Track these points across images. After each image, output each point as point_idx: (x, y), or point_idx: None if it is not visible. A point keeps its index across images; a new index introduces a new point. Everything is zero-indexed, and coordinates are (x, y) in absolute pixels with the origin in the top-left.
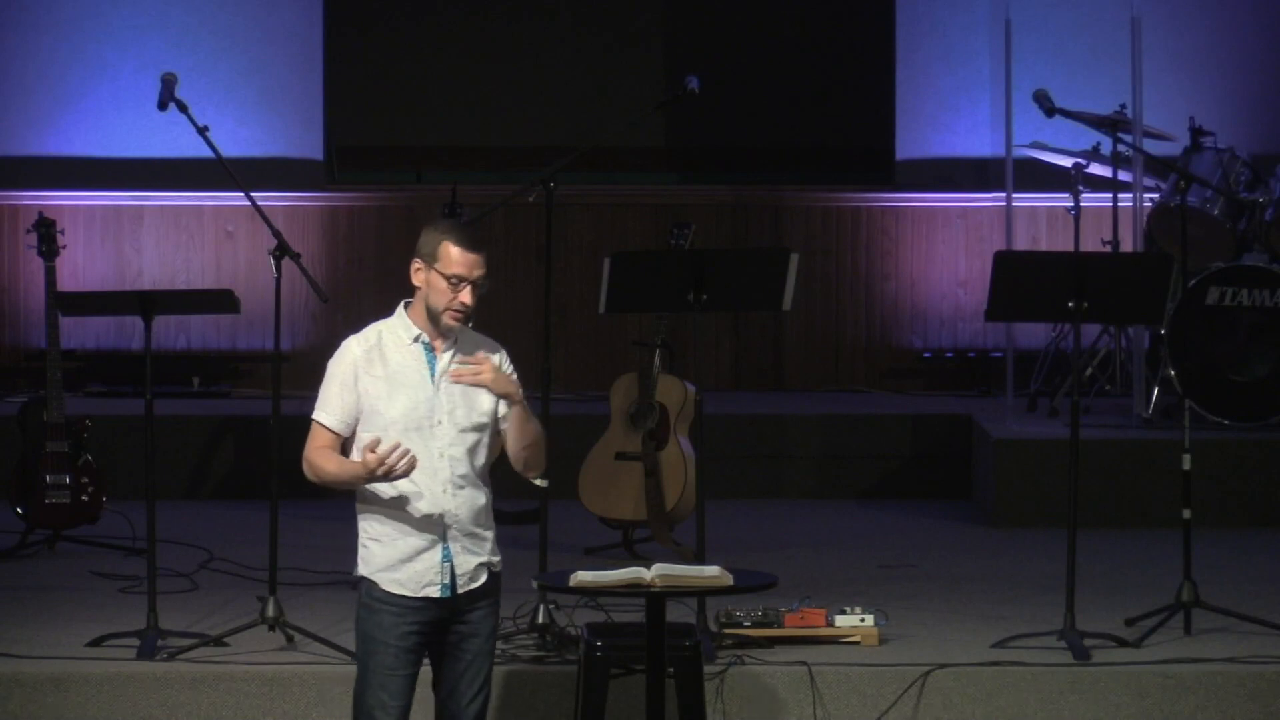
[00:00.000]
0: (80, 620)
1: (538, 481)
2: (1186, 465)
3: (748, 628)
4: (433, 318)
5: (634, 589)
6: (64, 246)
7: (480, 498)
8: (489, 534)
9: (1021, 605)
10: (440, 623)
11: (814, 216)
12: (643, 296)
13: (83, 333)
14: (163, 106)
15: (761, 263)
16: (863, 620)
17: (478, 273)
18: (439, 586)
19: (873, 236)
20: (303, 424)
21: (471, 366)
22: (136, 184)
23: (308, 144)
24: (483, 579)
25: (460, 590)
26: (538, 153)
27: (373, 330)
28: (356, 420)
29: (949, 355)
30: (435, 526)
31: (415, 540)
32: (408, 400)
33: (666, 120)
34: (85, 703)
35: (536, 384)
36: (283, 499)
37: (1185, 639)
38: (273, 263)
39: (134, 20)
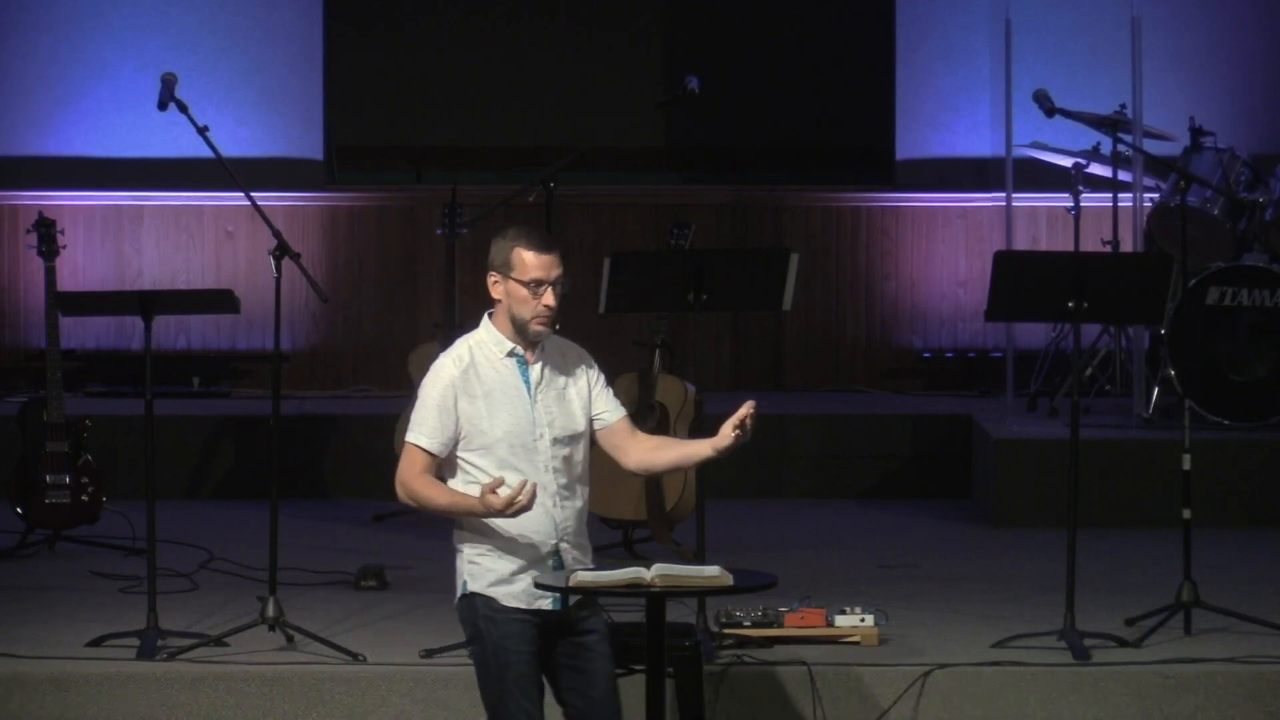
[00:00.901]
0: (80, 620)
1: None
2: (1186, 465)
3: (748, 628)
4: (520, 328)
5: (634, 589)
6: (64, 246)
7: (582, 506)
8: (589, 543)
9: (1021, 605)
10: (552, 634)
11: (814, 216)
12: (643, 296)
13: (83, 333)
14: (163, 106)
15: (761, 263)
16: (863, 620)
17: (556, 272)
18: (551, 599)
19: (873, 236)
20: (302, 424)
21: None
22: (136, 184)
23: (308, 144)
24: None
25: (572, 601)
26: (538, 153)
27: (464, 347)
28: (455, 442)
29: (949, 355)
30: (547, 540)
31: (527, 554)
32: (509, 418)
33: (666, 120)
34: (85, 703)
35: None
36: (283, 499)
37: (1185, 639)
38: (273, 263)
39: (134, 20)
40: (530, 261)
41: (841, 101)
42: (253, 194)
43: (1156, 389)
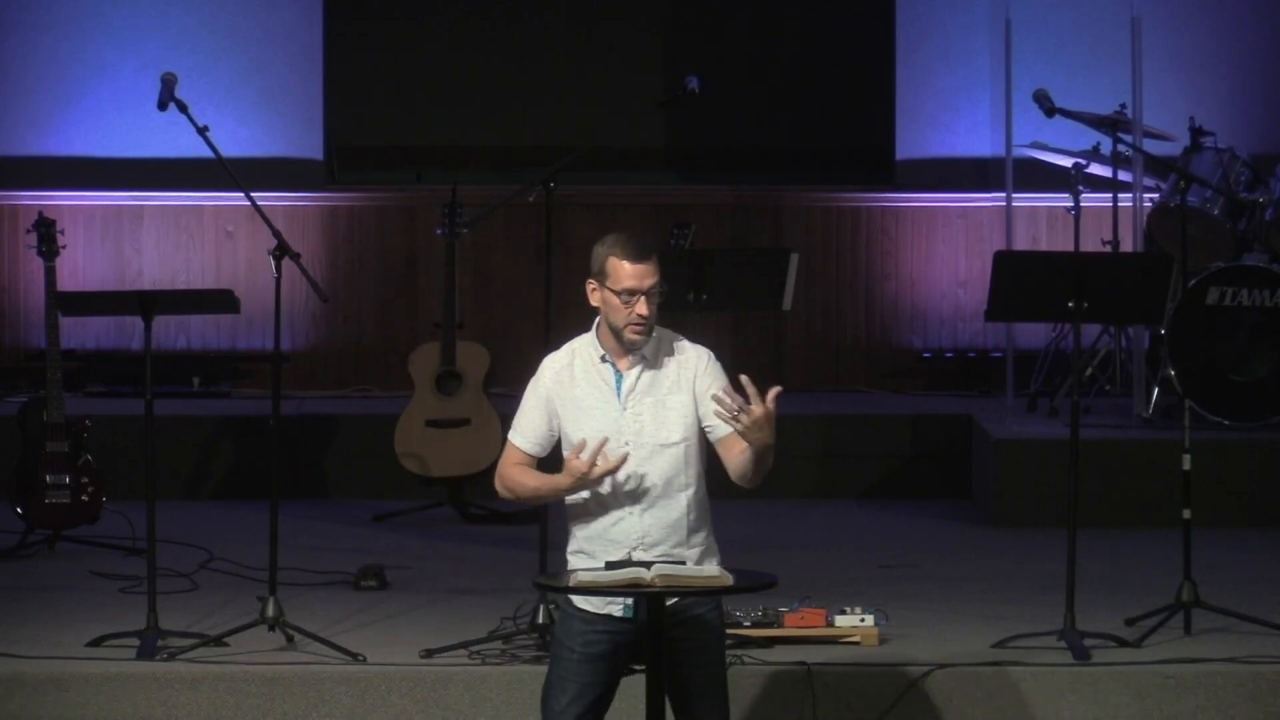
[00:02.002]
0: (80, 620)
1: None
2: (1186, 465)
3: (748, 628)
4: (616, 335)
5: (634, 589)
6: (64, 246)
7: (677, 517)
8: (690, 553)
9: (1021, 605)
10: (640, 638)
11: (814, 216)
12: None
13: (83, 333)
14: (163, 106)
15: (761, 263)
16: (863, 620)
17: (649, 281)
18: (621, 606)
19: (873, 236)
20: (302, 424)
21: (730, 406)
22: (136, 184)
23: (308, 144)
24: (672, 599)
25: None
26: (538, 153)
27: (567, 349)
28: (551, 441)
29: (949, 355)
30: (619, 547)
31: (601, 558)
32: (594, 423)
33: (666, 120)
34: (85, 703)
35: None
36: (283, 499)
37: (1185, 639)
38: (273, 263)
39: (134, 20)
40: (624, 271)
41: (841, 101)
42: (253, 194)
43: (1156, 389)
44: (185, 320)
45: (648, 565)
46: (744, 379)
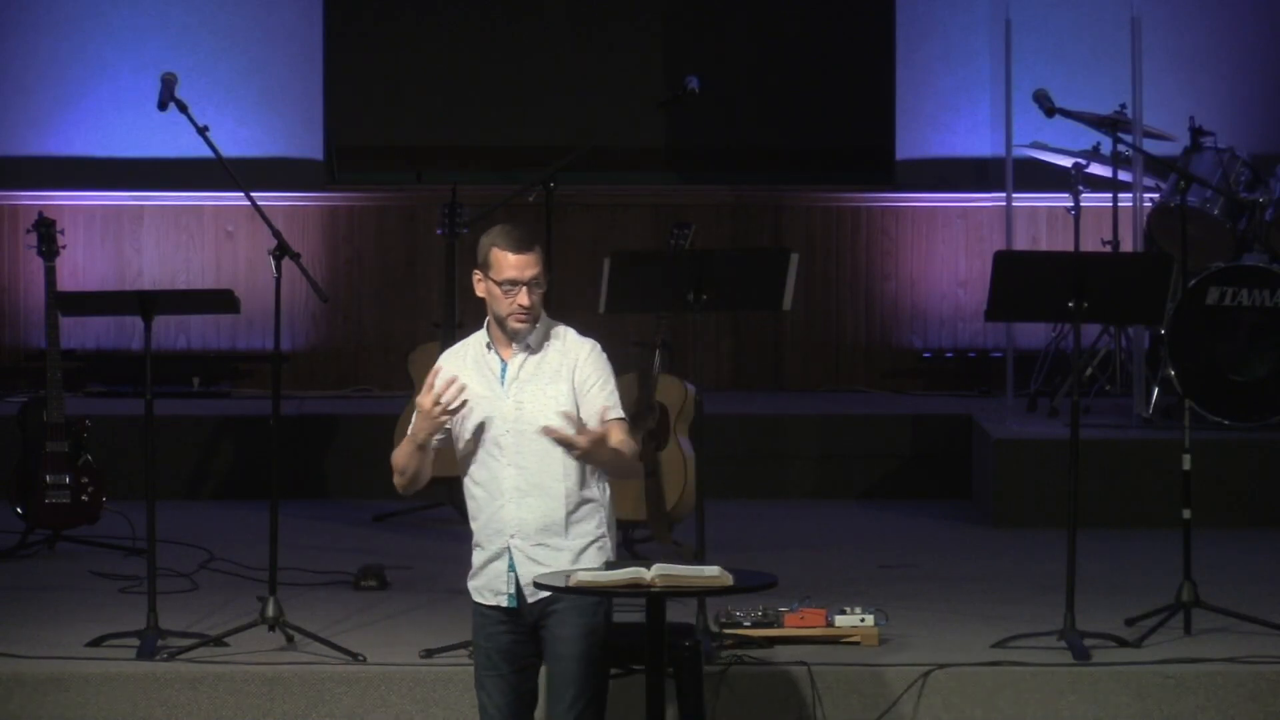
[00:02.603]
0: (80, 620)
1: None
2: (1186, 465)
3: (748, 628)
4: (500, 325)
5: (634, 589)
6: (64, 246)
7: (553, 506)
8: (571, 544)
9: (1021, 605)
10: (531, 629)
11: (814, 216)
12: (643, 296)
13: (83, 333)
14: (163, 106)
15: (761, 263)
16: (863, 620)
17: (530, 272)
18: (506, 596)
19: (873, 236)
20: (302, 424)
21: (558, 439)
22: (136, 184)
23: (308, 144)
24: (549, 591)
25: (530, 600)
26: (538, 153)
27: (461, 344)
28: (444, 435)
29: (949, 355)
30: (500, 536)
31: (488, 549)
32: (479, 411)
33: (666, 120)
34: (85, 703)
35: None
36: (283, 499)
37: (1185, 639)
38: (273, 263)
39: (134, 20)
40: (504, 261)
41: (841, 101)
42: (253, 194)
43: (1156, 389)
44: (185, 320)
45: (510, 555)
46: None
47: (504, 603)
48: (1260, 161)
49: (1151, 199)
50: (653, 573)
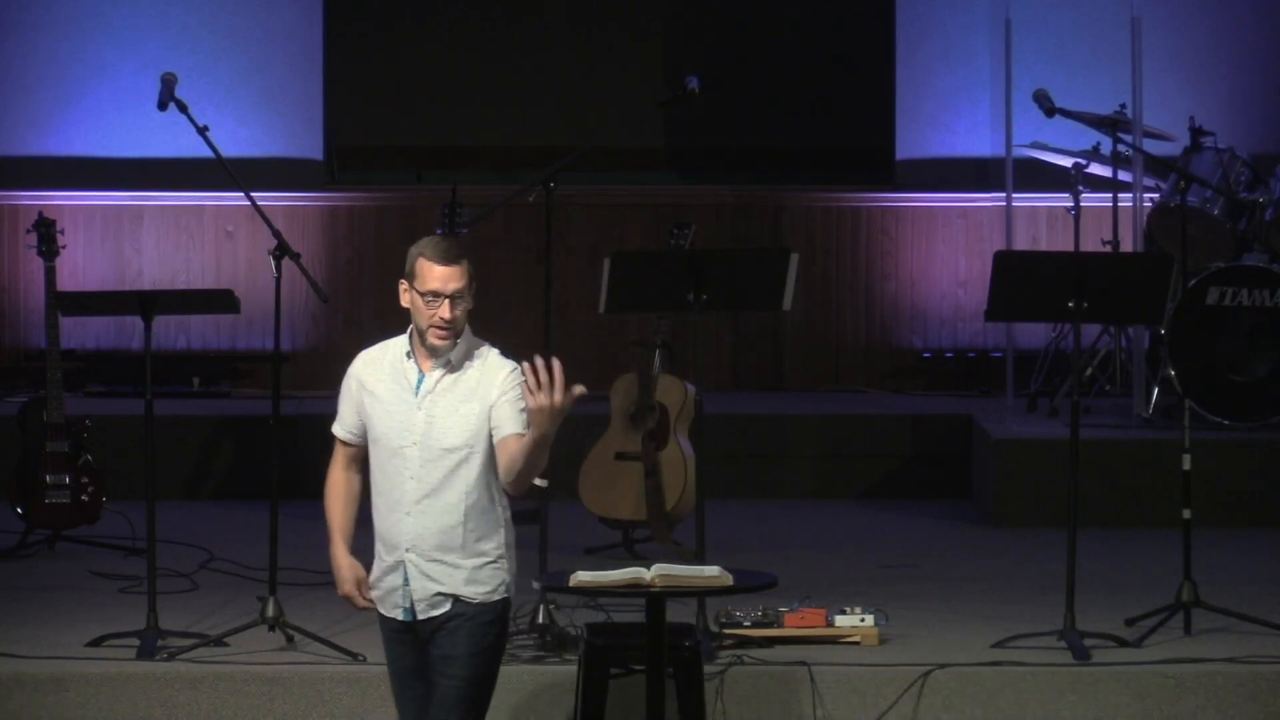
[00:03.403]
0: (80, 620)
1: (538, 481)
2: (1186, 465)
3: (748, 628)
4: (420, 337)
5: (634, 589)
6: (64, 246)
7: (452, 524)
8: (467, 562)
9: (1021, 605)
10: (424, 643)
11: (814, 216)
12: (643, 296)
13: (83, 333)
14: (163, 106)
15: (761, 263)
16: (863, 620)
17: (453, 286)
18: (401, 610)
19: (873, 236)
20: (302, 424)
21: (542, 382)
22: (136, 184)
23: (308, 144)
24: (444, 608)
25: (420, 616)
26: (538, 153)
27: (380, 346)
28: (365, 431)
29: (949, 355)
30: (397, 548)
31: (385, 559)
32: (388, 419)
33: (666, 120)
34: (85, 703)
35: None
36: (283, 499)
37: (1185, 639)
38: (273, 263)
39: (134, 20)
40: (429, 273)
41: (841, 101)
42: (253, 194)
43: (1156, 389)
44: (185, 320)
45: (404, 569)
46: (539, 361)
47: (400, 615)
48: (1260, 161)
49: (1151, 199)
50: (653, 573)
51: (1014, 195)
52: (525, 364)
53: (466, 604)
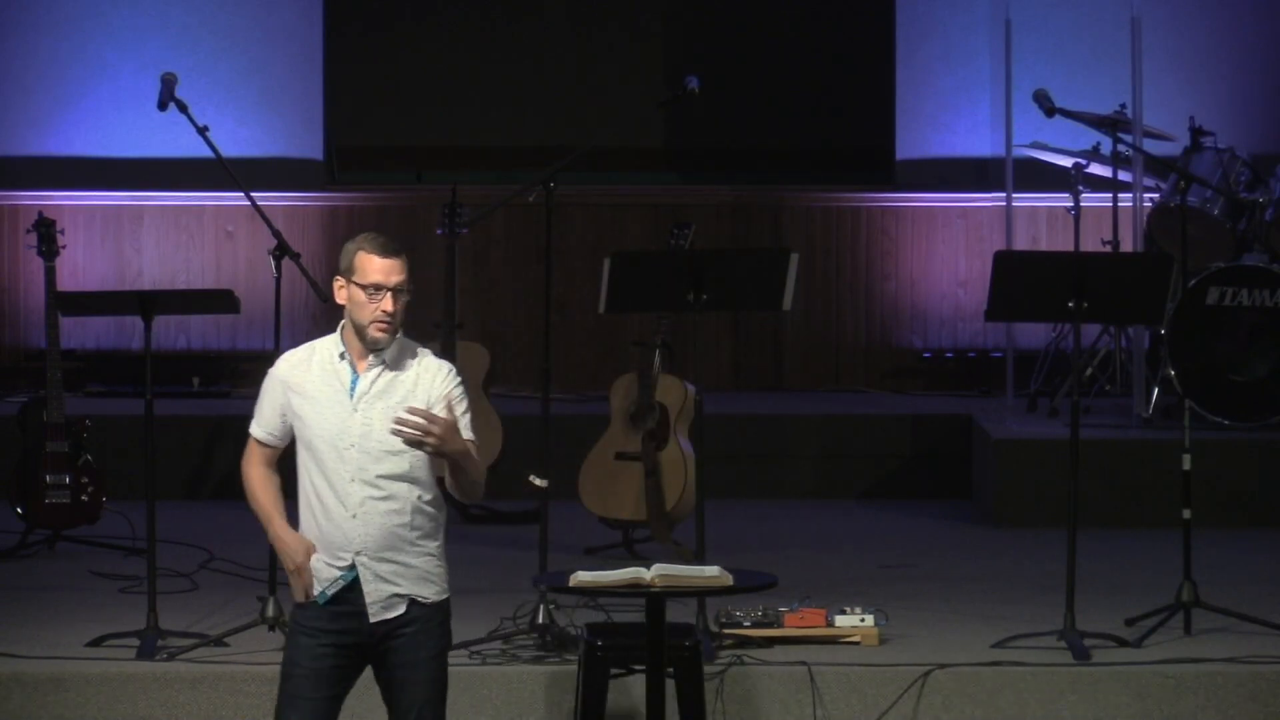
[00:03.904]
0: (80, 620)
1: (538, 482)
2: (1186, 465)
3: (748, 628)
4: (360, 333)
5: (634, 589)
6: (64, 246)
7: (399, 525)
8: (416, 563)
9: (1021, 605)
10: (363, 647)
11: (814, 216)
12: (643, 296)
13: (83, 333)
14: (163, 106)
15: (761, 263)
16: (863, 620)
17: (396, 279)
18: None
19: (873, 236)
20: None
21: (413, 427)
22: (136, 184)
23: (308, 144)
24: (399, 610)
25: (373, 619)
26: (538, 153)
27: (307, 348)
28: (287, 434)
29: (949, 355)
30: (344, 551)
31: (328, 563)
32: (324, 420)
33: (666, 120)
34: (85, 703)
35: (536, 384)
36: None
37: (1185, 639)
38: (273, 263)
39: (134, 20)
40: (370, 265)
41: (841, 101)
42: (253, 194)
43: (1156, 389)
44: (185, 320)
45: (353, 570)
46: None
47: (350, 620)
48: (1260, 161)
49: (1151, 199)
50: (653, 573)
51: (1014, 195)
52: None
53: (422, 605)
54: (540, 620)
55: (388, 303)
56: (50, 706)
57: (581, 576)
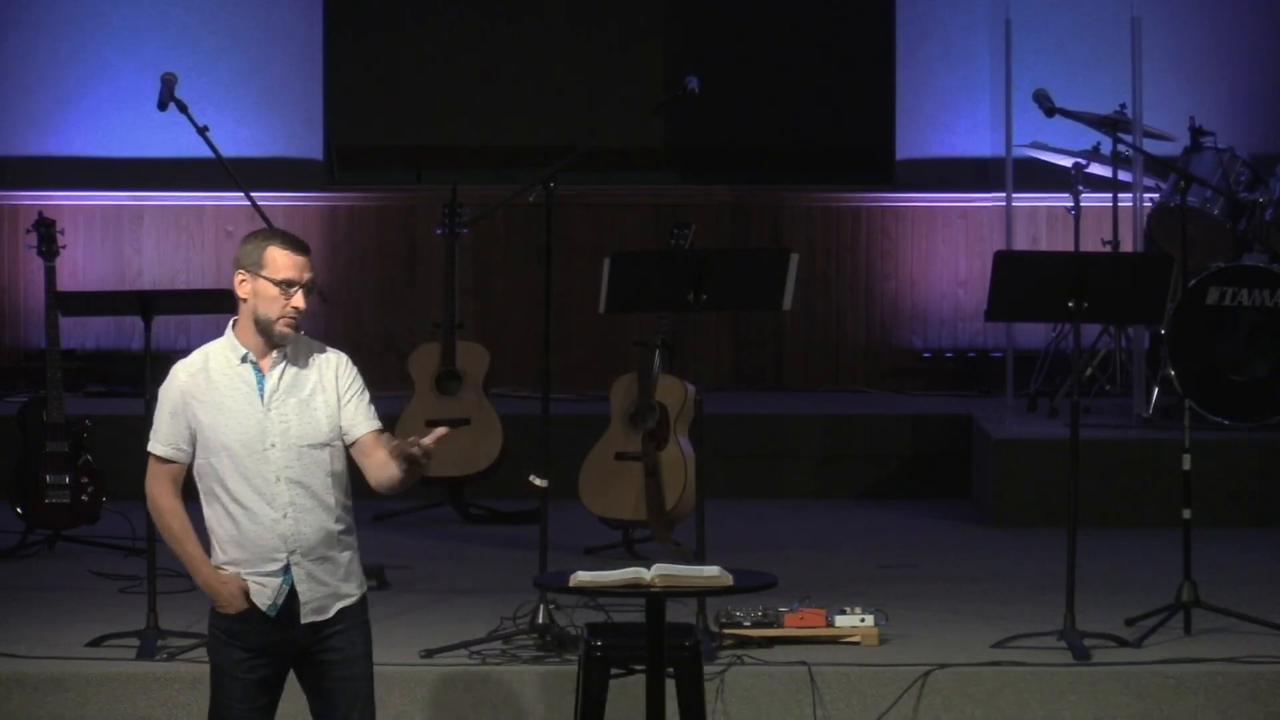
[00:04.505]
0: (80, 620)
1: (538, 482)
2: (1186, 465)
3: (748, 628)
4: (264, 330)
5: (634, 589)
6: (64, 246)
7: (329, 521)
8: (344, 558)
9: (1021, 605)
10: (292, 651)
11: (814, 216)
12: (643, 296)
13: (83, 333)
14: (163, 106)
15: (761, 263)
16: (863, 620)
17: (307, 275)
18: (268, 605)
19: (873, 236)
20: None
21: (423, 452)
22: (136, 184)
23: (308, 144)
24: (332, 610)
25: (304, 621)
26: (538, 153)
27: (200, 354)
28: (191, 446)
29: (949, 355)
30: (277, 554)
31: (259, 569)
32: (237, 425)
33: (666, 120)
34: (85, 703)
35: (536, 384)
36: None
37: (1185, 639)
38: None
39: (134, 20)
40: (283, 261)
41: (841, 101)
42: (253, 194)
43: (1156, 389)
44: (185, 320)
45: (288, 573)
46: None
47: (276, 624)
48: (1260, 161)
49: (1151, 199)
50: (653, 573)
51: (1014, 195)
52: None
53: (350, 603)
54: (540, 620)
55: (299, 299)
56: (50, 706)
57: (581, 576)
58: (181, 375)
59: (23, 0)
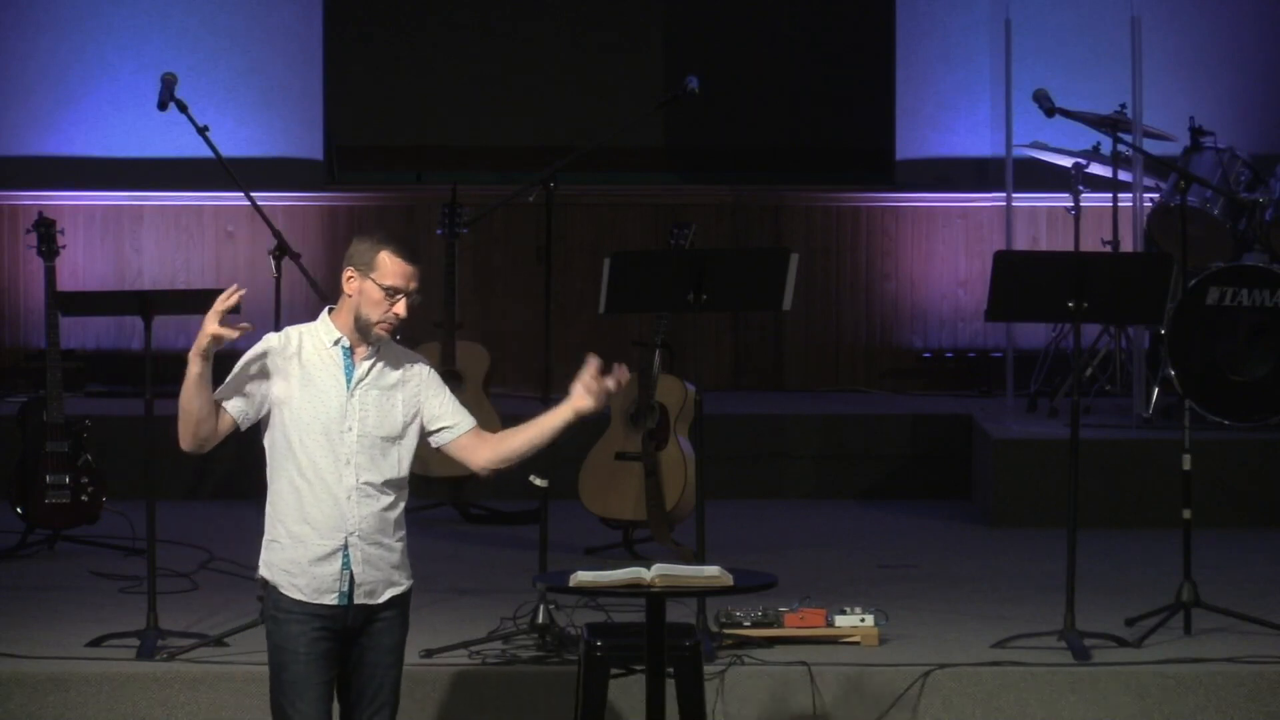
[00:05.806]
0: (80, 620)
1: (538, 482)
2: (1186, 465)
3: (748, 628)
4: (362, 328)
5: (634, 589)
6: (64, 246)
7: (390, 510)
8: (398, 548)
9: (1021, 605)
10: (346, 631)
11: (814, 216)
12: (643, 296)
13: (83, 333)
14: (163, 106)
15: (761, 263)
16: (863, 620)
17: (414, 285)
18: (336, 594)
19: (873, 236)
20: None
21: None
22: (136, 184)
23: (308, 144)
24: (385, 595)
25: (357, 601)
26: (538, 153)
27: (294, 331)
28: (254, 414)
29: (949, 355)
30: (336, 533)
31: (316, 545)
32: (321, 403)
33: (666, 120)
34: (85, 703)
35: (537, 384)
36: None
37: (1185, 639)
38: (273, 263)
39: (134, 20)
40: (394, 268)
41: (841, 101)
42: (253, 194)
43: (1156, 389)
44: (185, 320)
45: (347, 553)
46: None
47: (332, 600)
48: (1260, 161)
49: (1151, 199)
50: (653, 573)
51: (1014, 195)
52: (591, 363)
53: (400, 591)
54: (540, 620)
55: (401, 307)
56: (50, 706)
57: (581, 576)
58: (275, 340)
59: (23, 0)
